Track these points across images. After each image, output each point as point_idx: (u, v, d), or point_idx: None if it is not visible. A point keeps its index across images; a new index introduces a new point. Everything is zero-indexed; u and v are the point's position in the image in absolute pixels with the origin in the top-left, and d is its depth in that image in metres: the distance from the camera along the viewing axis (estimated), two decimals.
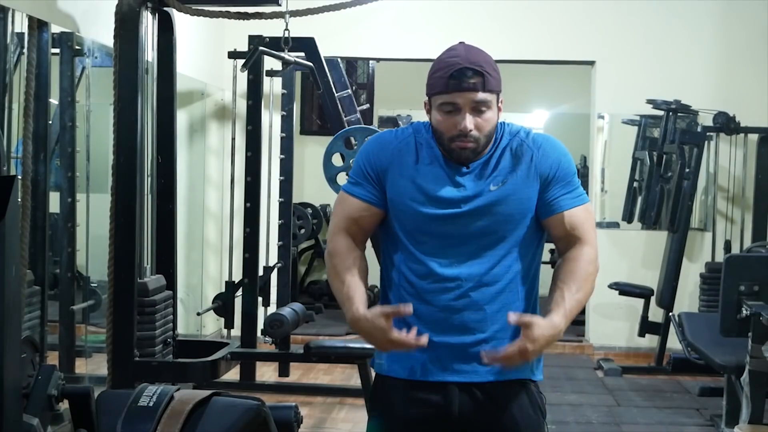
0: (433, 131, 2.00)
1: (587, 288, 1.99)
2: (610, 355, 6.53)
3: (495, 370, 1.97)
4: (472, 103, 1.93)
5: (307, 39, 5.05)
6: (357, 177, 2.05)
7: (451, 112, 1.94)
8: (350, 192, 2.05)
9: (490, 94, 1.95)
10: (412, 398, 2.00)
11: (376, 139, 2.09)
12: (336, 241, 2.04)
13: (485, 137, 1.97)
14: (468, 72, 1.92)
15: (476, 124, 1.94)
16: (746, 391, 3.94)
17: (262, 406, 2.29)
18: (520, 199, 1.98)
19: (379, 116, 8.91)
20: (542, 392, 2.07)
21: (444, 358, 1.97)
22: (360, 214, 2.04)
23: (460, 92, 1.92)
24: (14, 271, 2.23)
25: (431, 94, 1.98)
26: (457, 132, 1.94)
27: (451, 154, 1.98)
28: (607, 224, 6.94)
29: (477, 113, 1.94)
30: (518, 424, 1.99)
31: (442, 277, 1.96)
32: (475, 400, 1.98)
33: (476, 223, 1.96)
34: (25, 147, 3.76)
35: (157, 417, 2.18)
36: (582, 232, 2.01)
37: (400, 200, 1.99)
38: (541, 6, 6.67)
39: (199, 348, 4.24)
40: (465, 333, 1.96)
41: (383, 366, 2.05)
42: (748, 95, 6.51)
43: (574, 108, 8.67)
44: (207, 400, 2.25)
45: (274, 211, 5.79)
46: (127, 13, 3.80)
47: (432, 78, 1.98)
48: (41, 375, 2.83)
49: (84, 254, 4.44)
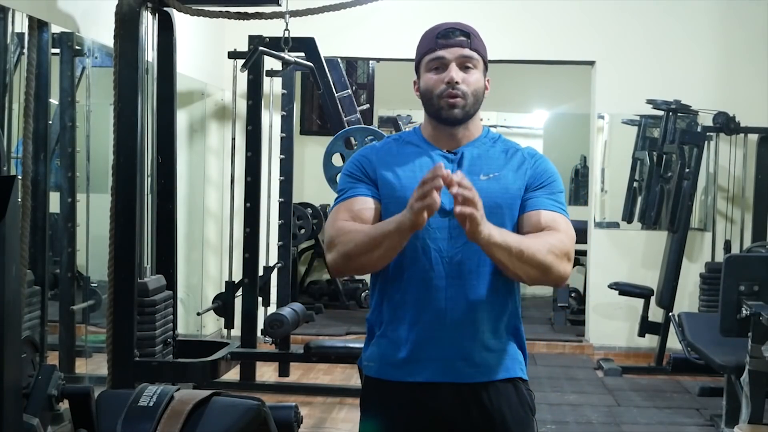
0: (423, 99, 2.02)
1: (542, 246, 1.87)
2: (610, 355, 6.53)
3: (484, 371, 1.97)
4: (459, 58, 1.98)
5: (307, 39, 5.05)
6: (349, 182, 2.03)
7: (439, 69, 1.98)
8: (344, 197, 2.01)
9: (477, 54, 2.00)
10: (402, 400, 1.99)
11: (360, 150, 2.12)
12: (335, 228, 1.96)
13: (472, 96, 1.98)
14: (455, 31, 2.00)
15: (463, 79, 1.97)
16: (746, 391, 3.95)
17: (262, 406, 2.29)
18: (509, 192, 1.98)
19: (379, 116, 8.91)
20: (531, 389, 2.07)
21: (433, 359, 1.96)
22: (359, 207, 1.98)
23: (447, 48, 1.98)
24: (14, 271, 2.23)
25: (419, 57, 2.02)
26: (444, 86, 1.96)
27: (440, 113, 1.98)
28: (607, 224, 6.94)
29: (464, 70, 1.98)
30: (507, 421, 1.98)
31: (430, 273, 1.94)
32: (465, 400, 1.97)
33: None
34: (25, 147, 3.77)
35: (157, 417, 2.18)
36: (559, 229, 1.95)
37: (391, 194, 1.99)
38: (541, 6, 6.68)
39: (199, 348, 4.24)
40: (453, 331, 1.95)
41: (372, 368, 2.04)
42: (748, 95, 6.52)
43: (574, 108, 8.68)
44: (207, 400, 2.25)
45: (274, 211, 5.79)
46: (127, 13, 3.80)
47: (420, 44, 2.04)
48: (41, 375, 2.83)
49: (84, 254, 4.44)
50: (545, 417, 4.89)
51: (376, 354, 2.03)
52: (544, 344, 6.79)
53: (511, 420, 1.99)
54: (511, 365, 2.00)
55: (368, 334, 2.08)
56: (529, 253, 1.86)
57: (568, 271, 1.93)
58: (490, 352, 1.98)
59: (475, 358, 1.97)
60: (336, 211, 2.01)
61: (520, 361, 2.04)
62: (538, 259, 1.87)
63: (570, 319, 7.56)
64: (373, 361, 2.04)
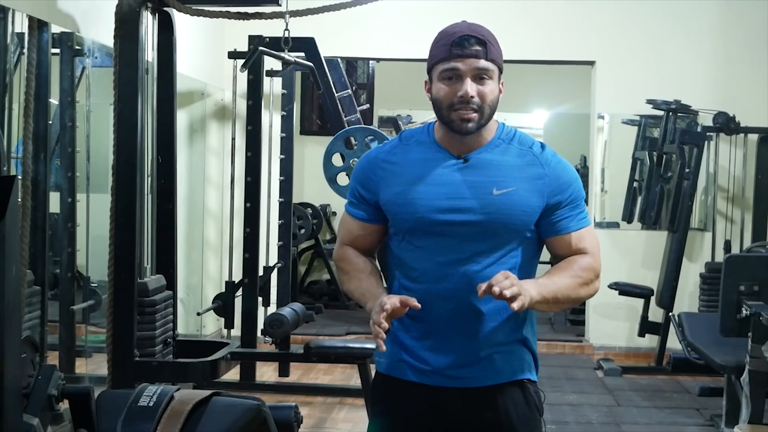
0: (434, 106, 1.97)
1: (574, 283, 1.96)
2: (610, 355, 6.53)
3: (493, 375, 1.97)
4: (474, 70, 1.91)
5: (307, 39, 5.05)
6: (352, 197, 2.09)
7: (452, 79, 1.92)
8: (348, 212, 2.11)
9: (493, 64, 1.93)
10: (412, 399, 2.00)
11: (363, 157, 2.11)
12: (342, 250, 2.12)
13: (488, 108, 1.93)
14: (471, 39, 1.92)
15: (478, 92, 1.91)
16: (746, 391, 3.94)
17: (262, 406, 2.29)
18: (524, 211, 1.94)
19: (379, 116, 8.91)
20: (540, 390, 2.07)
21: (443, 364, 1.96)
22: (358, 233, 2.09)
23: (462, 59, 1.91)
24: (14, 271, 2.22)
25: (433, 63, 1.95)
26: (458, 99, 1.90)
27: (451, 125, 1.93)
28: (607, 224, 6.94)
29: (479, 81, 1.92)
30: (513, 421, 1.99)
31: (439, 282, 1.94)
32: (473, 403, 1.97)
33: (474, 227, 1.93)
34: (25, 147, 3.76)
35: (157, 417, 2.18)
36: (587, 247, 2.01)
37: (395, 201, 1.98)
38: (541, 6, 6.68)
39: (199, 348, 4.24)
40: (463, 338, 1.95)
41: (383, 364, 2.05)
42: (748, 95, 6.51)
43: (574, 108, 8.67)
44: (207, 400, 2.25)
45: (274, 211, 5.79)
46: (127, 13, 3.80)
47: (434, 48, 1.96)
48: (41, 375, 2.83)
49: (84, 254, 4.44)
50: (545, 417, 4.88)
51: (387, 351, 2.02)
52: (544, 344, 6.78)
53: (517, 421, 1.99)
54: (519, 367, 2.00)
55: None
56: (564, 296, 1.94)
57: (597, 288, 2.04)
58: (500, 356, 1.98)
59: (485, 363, 1.97)
60: (344, 219, 2.13)
61: (529, 363, 2.03)
62: (573, 298, 1.98)
63: (570, 319, 7.55)
64: (383, 356, 2.04)
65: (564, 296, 1.94)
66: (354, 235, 2.09)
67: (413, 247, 1.97)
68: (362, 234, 2.08)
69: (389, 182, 1.99)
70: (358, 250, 2.10)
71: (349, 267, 2.08)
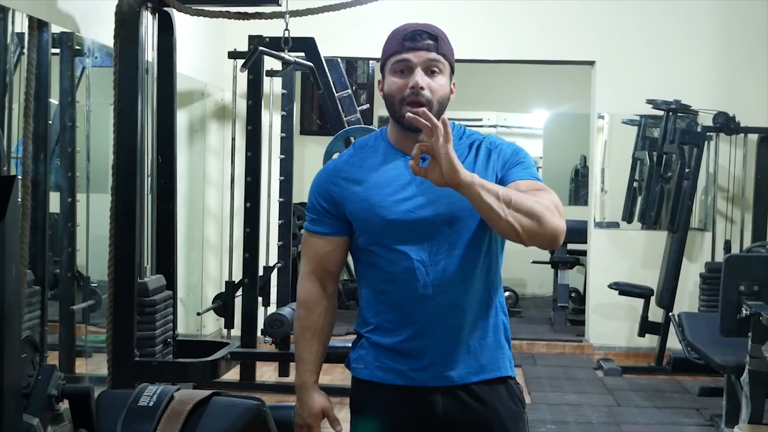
0: (386, 103, 1.98)
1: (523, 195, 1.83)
2: (610, 355, 6.53)
3: (478, 370, 1.97)
4: (425, 62, 1.93)
5: (307, 39, 5.04)
6: (312, 214, 2.05)
7: (404, 72, 1.94)
8: (311, 230, 2.05)
9: (444, 58, 1.95)
10: (395, 402, 2.00)
11: (320, 172, 2.08)
12: (304, 287, 2.08)
13: (437, 103, 1.94)
14: (423, 34, 1.96)
15: (428, 85, 1.93)
16: (746, 391, 3.95)
17: (262, 406, 2.29)
18: None
19: (379, 116, 8.90)
20: (518, 383, 2.08)
21: (427, 363, 1.96)
22: (326, 249, 2.03)
23: (413, 51, 1.94)
24: (14, 271, 2.22)
25: (386, 58, 1.98)
26: (409, 91, 1.92)
27: (403, 122, 1.94)
28: (607, 224, 6.94)
29: (430, 75, 1.94)
30: (500, 416, 1.99)
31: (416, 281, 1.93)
32: (458, 401, 1.97)
33: (443, 219, 1.92)
34: (25, 147, 3.77)
35: (157, 417, 2.18)
36: (538, 188, 1.90)
37: (360, 211, 1.97)
38: (540, 6, 6.68)
39: (199, 348, 4.24)
40: (444, 334, 1.95)
41: (362, 371, 2.06)
42: (748, 95, 6.52)
43: (574, 108, 8.68)
44: (207, 400, 2.25)
45: (274, 211, 5.79)
46: (127, 13, 3.80)
47: (387, 44, 1.99)
48: (41, 375, 2.82)
49: (84, 254, 4.44)
50: (545, 417, 4.90)
51: (364, 357, 2.04)
52: (544, 344, 6.79)
53: (503, 413, 2.00)
54: (502, 363, 2.02)
55: (356, 336, 2.09)
56: (518, 200, 1.80)
57: (562, 225, 1.85)
58: (483, 352, 1.98)
59: (468, 361, 1.97)
60: (307, 241, 2.07)
61: (510, 357, 2.04)
62: (528, 205, 1.81)
63: (570, 319, 7.56)
64: (361, 363, 2.05)
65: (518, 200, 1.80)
66: (321, 254, 2.04)
67: (387, 250, 1.95)
68: (330, 249, 2.03)
69: (353, 191, 1.98)
70: (327, 272, 2.06)
71: (302, 319, 2.10)
